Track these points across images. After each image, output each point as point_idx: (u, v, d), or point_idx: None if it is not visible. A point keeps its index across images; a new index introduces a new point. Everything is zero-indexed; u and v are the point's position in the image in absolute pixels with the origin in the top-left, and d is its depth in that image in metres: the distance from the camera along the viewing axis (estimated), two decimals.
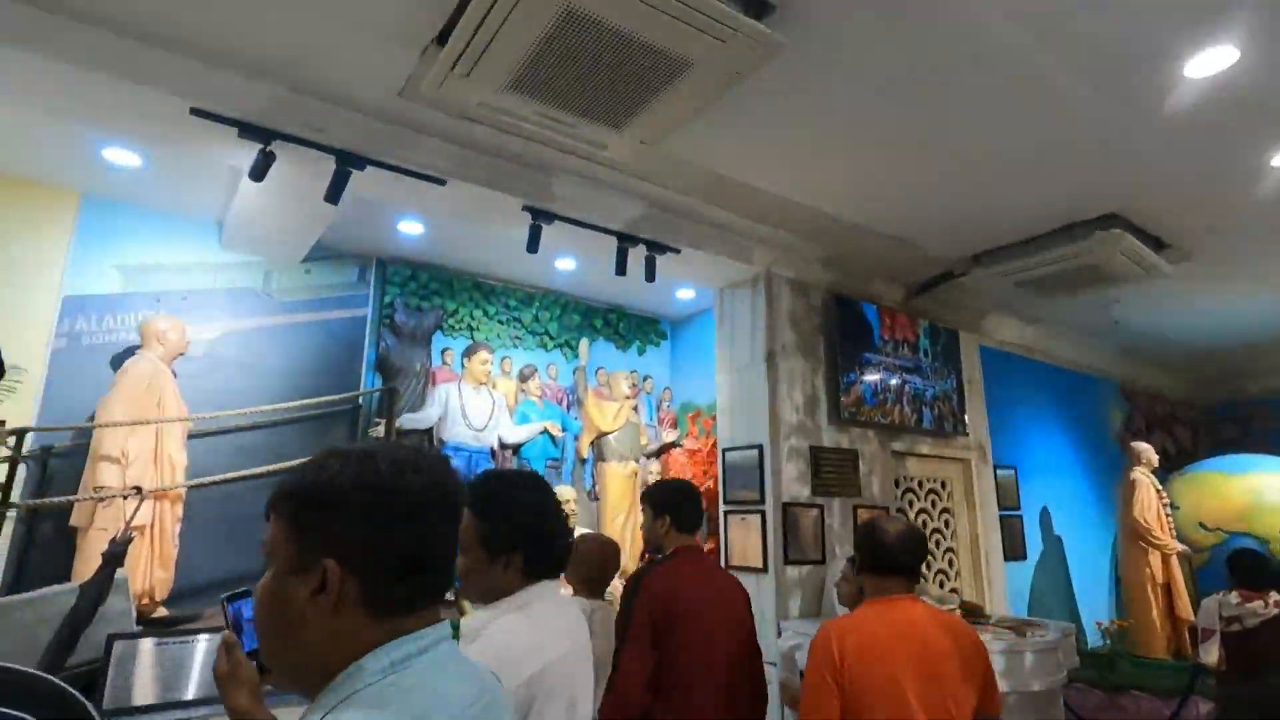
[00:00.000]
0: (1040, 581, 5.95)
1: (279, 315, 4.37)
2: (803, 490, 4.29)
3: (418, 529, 0.80)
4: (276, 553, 0.80)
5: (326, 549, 0.76)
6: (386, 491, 0.78)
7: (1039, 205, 3.98)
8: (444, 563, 0.85)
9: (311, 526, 0.78)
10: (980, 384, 5.75)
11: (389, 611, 0.78)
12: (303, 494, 0.80)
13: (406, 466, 0.81)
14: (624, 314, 5.84)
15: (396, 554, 0.78)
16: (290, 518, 0.80)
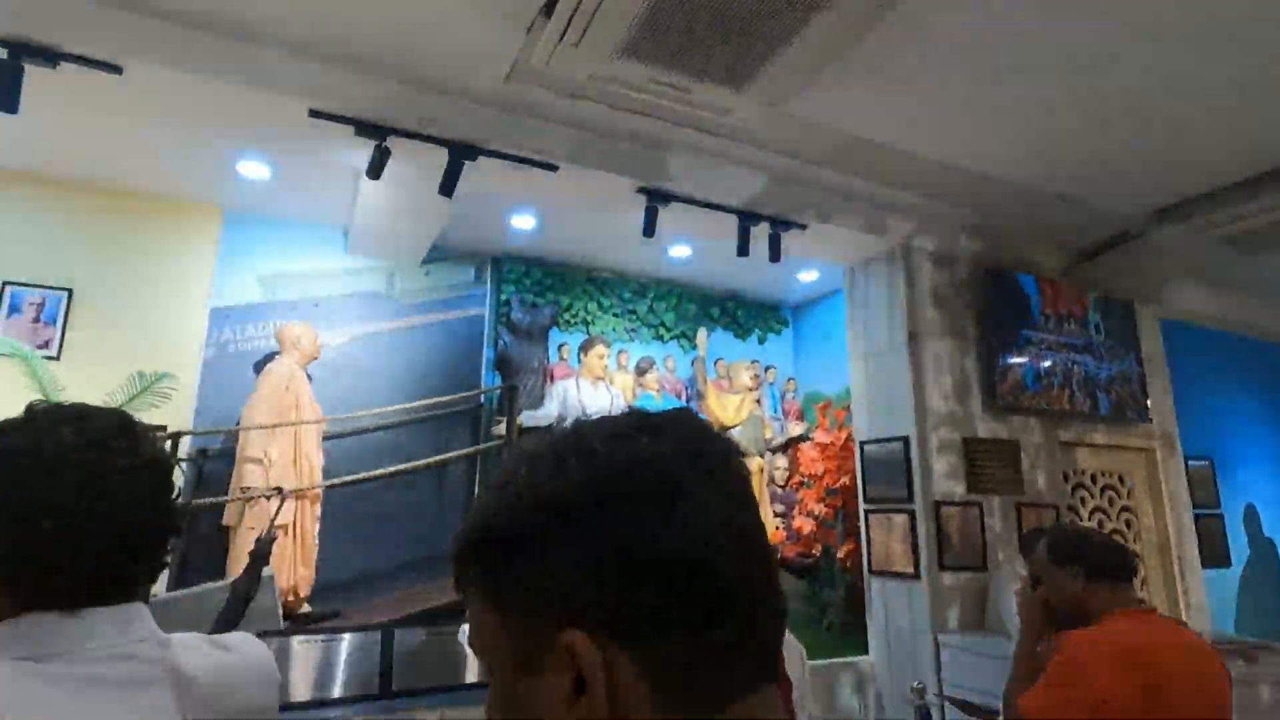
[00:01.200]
0: (1248, 592, 5.06)
1: (402, 318, 4.43)
2: (956, 487, 3.82)
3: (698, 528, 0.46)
4: (489, 642, 0.49)
5: (564, 614, 0.45)
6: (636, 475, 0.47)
7: (1252, 141, 3.28)
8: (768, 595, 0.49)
9: (531, 583, 0.47)
10: (1163, 363, 4.95)
11: (707, 706, 0.45)
12: (502, 533, 0.49)
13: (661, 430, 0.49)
14: (742, 301, 5.52)
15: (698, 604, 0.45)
16: (486, 580, 0.49)
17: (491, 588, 0.48)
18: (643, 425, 0.49)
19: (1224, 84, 2.86)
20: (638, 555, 0.44)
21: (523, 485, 0.48)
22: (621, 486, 0.46)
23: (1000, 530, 3.86)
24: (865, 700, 3.80)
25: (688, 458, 0.48)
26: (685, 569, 0.44)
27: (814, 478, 4.93)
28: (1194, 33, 2.55)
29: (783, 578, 3.23)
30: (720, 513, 0.46)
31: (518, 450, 0.53)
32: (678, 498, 0.45)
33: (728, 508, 0.47)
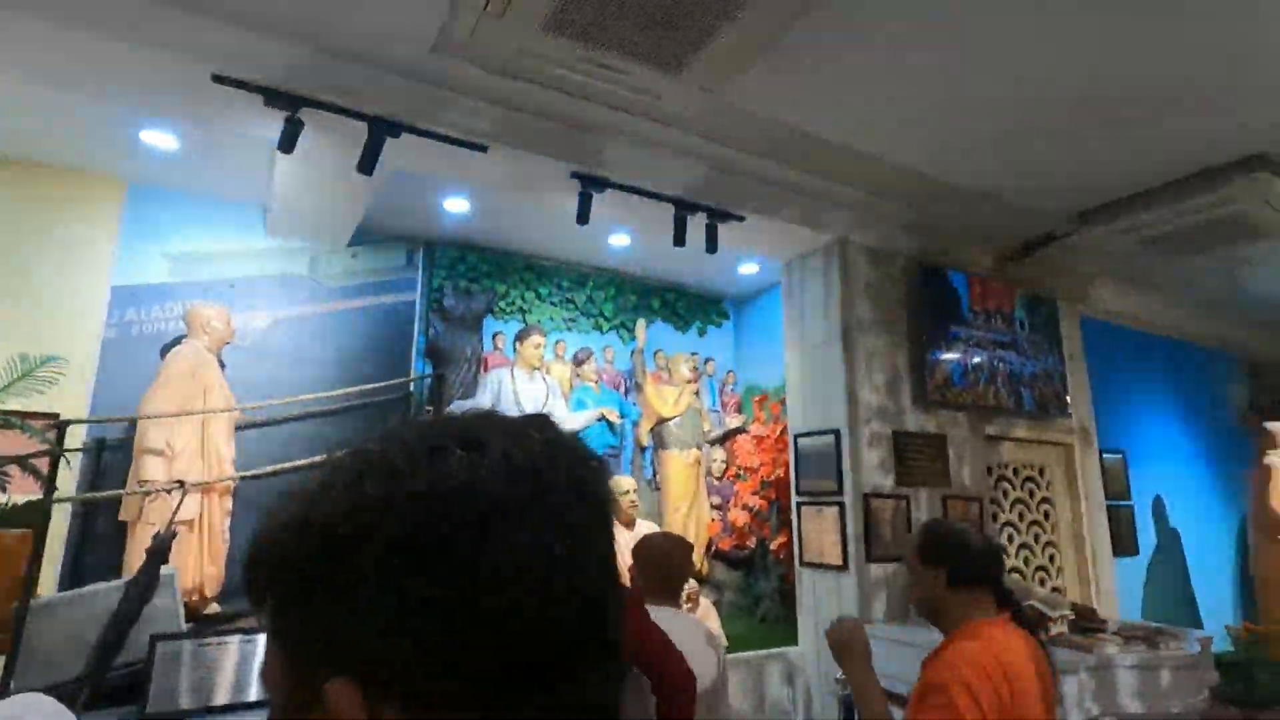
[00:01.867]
0: (1154, 580, 5.33)
1: (327, 302, 4.23)
2: (885, 480, 3.87)
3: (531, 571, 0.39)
4: (269, 678, 0.42)
5: (339, 661, 0.38)
6: (434, 508, 0.39)
7: (1166, 149, 3.41)
8: (603, 659, 0.42)
9: (307, 618, 0.40)
10: (1083, 359, 5.14)
11: None
12: (276, 558, 0.42)
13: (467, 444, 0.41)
14: (683, 293, 5.49)
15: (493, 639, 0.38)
16: (266, 607, 0.42)
17: (273, 618, 0.41)
18: (464, 437, 0.41)
19: (1143, 92, 2.94)
20: (424, 603, 0.37)
21: (313, 500, 0.41)
22: (415, 517, 0.38)
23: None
24: (794, 690, 3.83)
25: (514, 481, 0.40)
26: (485, 622, 0.37)
27: (750, 470, 4.95)
28: (1115, 40, 2.61)
29: (718, 569, 3.22)
30: (546, 552, 0.39)
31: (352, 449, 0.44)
32: (486, 534, 0.38)
33: (559, 545, 0.39)
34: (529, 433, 0.43)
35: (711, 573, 5.08)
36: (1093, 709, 2.78)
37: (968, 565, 1.59)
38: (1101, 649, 2.87)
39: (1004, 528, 4.55)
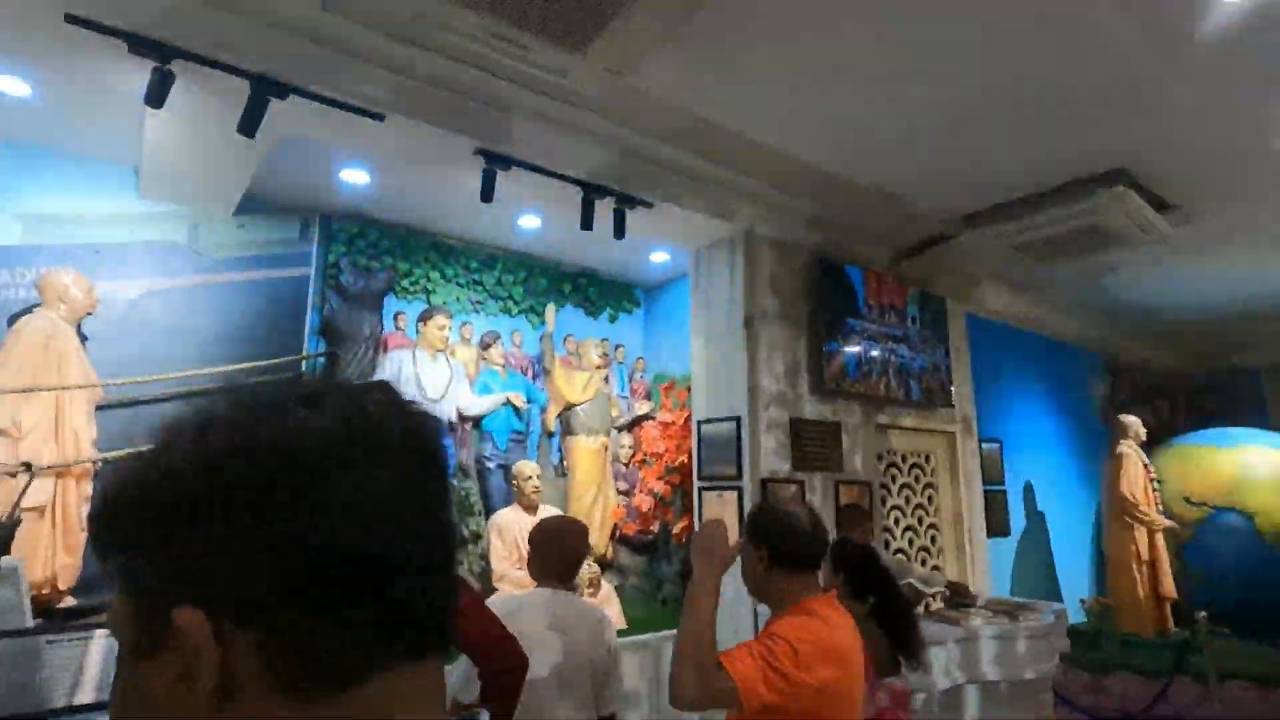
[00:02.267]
0: (1023, 558, 5.79)
1: (208, 274, 3.94)
2: (782, 465, 4.01)
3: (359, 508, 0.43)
4: (115, 622, 0.45)
5: (185, 593, 0.41)
6: (275, 453, 0.43)
7: (1041, 159, 3.68)
8: (428, 571, 0.46)
9: (155, 559, 0.43)
10: (967, 354, 5.50)
11: (328, 687, 0.42)
12: (127, 505, 0.44)
13: (298, 400, 0.46)
14: (595, 279, 5.47)
15: (323, 566, 0.42)
16: (113, 553, 0.45)
17: (119, 562, 0.44)
18: (303, 395, 0.46)
19: (1024, 105, 3.15)
20: (264, 538, 0.41)
21: (158, 454, 0.45)
22: (256, 463, 0.42)
23: (820, 505, 4.11)
24: None
25: (348, 432, 0.45)
26: (315, 550, 0.41)
27: (655, 456, 5.01)
28: (999, 54, 2.78)
29: (622, 554, 3.22)
30: (377, 492, 0.44)
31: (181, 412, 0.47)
32: (321, 476, 0.43)
33: (393, 484, 0.45)
34: (367, 394, 0.48)
35: (616, 557, 5.12)
36: (959, 677, 2.99)
37: (790, 547, 1.62)
38: (969, 622, 3.09)
39: (891, 511, 4.81)
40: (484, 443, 4.68)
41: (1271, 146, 3.47)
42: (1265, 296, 6.21)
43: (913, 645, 2.22)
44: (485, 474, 4.62)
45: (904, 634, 2.22)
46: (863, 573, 2.41)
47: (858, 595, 2.39)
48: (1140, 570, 5.18)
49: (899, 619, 2.27)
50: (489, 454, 4.64)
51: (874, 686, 2.26)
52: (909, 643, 2.22)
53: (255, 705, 0.40)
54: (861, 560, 2.44)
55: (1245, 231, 4.70)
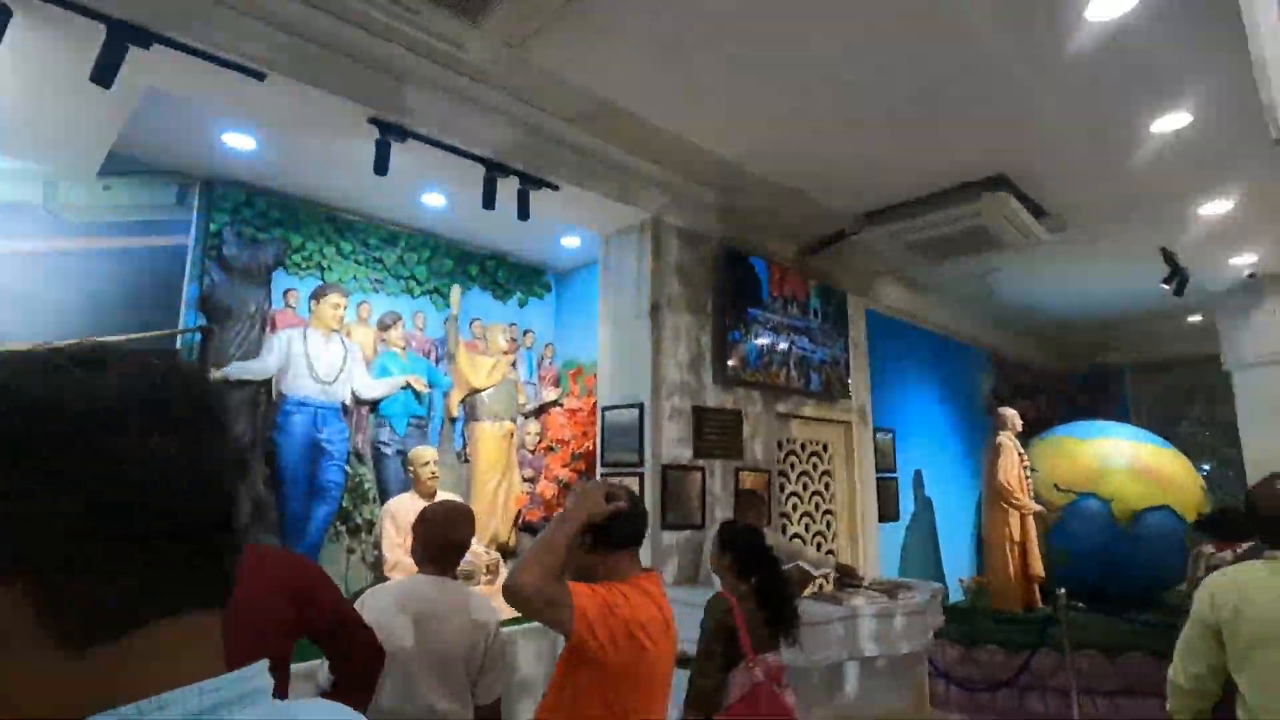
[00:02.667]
0: (910, 541, 6.13)
1: (68, 238, 3.59)
2: (684, 452, 4.06)
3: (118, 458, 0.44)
4: None
5: None
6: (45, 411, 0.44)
7: (932, 163, 3.87)
8: (203, 532, 0.48)
9: None
10: (865, 347, 5.74)
11: (98, 637, 0.44)
12: None
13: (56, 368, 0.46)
14: (504, 261, 5.35)
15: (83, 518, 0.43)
16: None
17: None
18: (84, 359, 0.47)
19: (912, 107, 3.30)
20: (32, 491, 0.42)
21: None
22: (25, 420, 0.43)
23: (719, 492, 4.20)
24: None
25: (127, 393, 0.46)
26: (86, 507, 0.42)
27: (561, 443, 4.97)
28: (895, 61, 2.89)
29: (527, 541, 3.18)
30: (157, 449, 0.45)
31: None
32: (100, 434, 0.44)
33: (169, 447, 0.46)
34: (150, 360, 0.50)
35: (520, 545, 5.06)
36: (841, 654, 3.13)
37: (608, 527, 1.65)
38: (851, 601, 3.24)
39: (789, 497, 4.98)
40: (381, 427, 4.51)
41: (1129, 164, 3.78)
42: (1128, 303, 6.81)
43: (788, 623, 2.36)
44: (381, 460, 4.45)
45: (780, 612, 2.34)
46: (747, 553, 2.50)
47: (743, 575, 2.47)
48: (1012, 551, 5.58)
49: (777, 598, 2.38)
50: (386, 439, 4.48)
51: (751, 662, 2.33)
52: (785, 620, 2.35)
53: (25, 654, 0.42)
54: (746, 542, 2.51)
55: (1109, 242, 5.12)
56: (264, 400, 4.05)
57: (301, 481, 4.04)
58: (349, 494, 4.27)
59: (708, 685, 2.30)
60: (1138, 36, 2.76)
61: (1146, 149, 3.64)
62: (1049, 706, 4.88)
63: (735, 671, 2.32)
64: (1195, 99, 3.25)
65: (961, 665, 5.12)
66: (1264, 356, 5.98)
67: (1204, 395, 8.17)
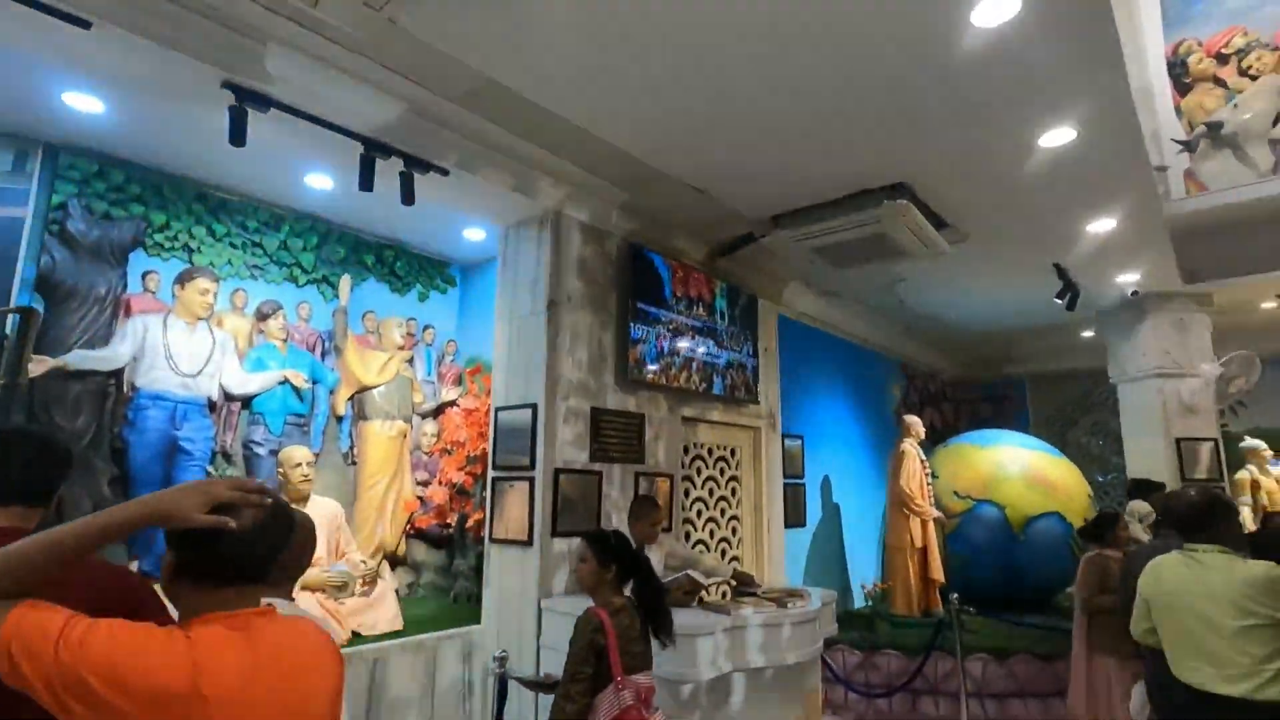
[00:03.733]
0: (817, 547, 6.15)
1: None
2: (580, 455, 3.90)
3: None
4: None
5: None
6: None
7: (833, 167, 3.84)
8: None
9: None
10: (776, 353, 5.73)
11: None
12: None
13: None
14: (403, 252, 5.05)
15: None
16: None
17: None
18: None
19: (812, 111, 3.25)
20: None
21: None
22: None
23: (617, 497, 4.05)
24: (470, 670, 3.70)
25: None
26: None
27: (457, 445, 4.72)
28: (798, 65, 2.82)
29: (419, 549, 2.92)
30: None
31: None
32: None
33: None
34: None
35: (410, 552, 4.77)
36: (724, 666, 3.02)
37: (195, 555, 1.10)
38: (738, 611, 3.14)
39: (694, 503, 4.89)
40: (255, 426, 4.15)
41: (1021, 177, 3.86)
42: (1027, 316, 7.08)
43: (663, 628, 2.36)
44: (254, 461, 4.10)
45: (655, 617, 2.34)
46: (623, 562, 2.39)
47: (622, 586, 2.38)
48: (912, 557, 5.67)
49: (651, 605, 2.36)
50: (259, 439, 4.12)
51: (620, 684, 2.19)
52: (661, 626, 2.35)
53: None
54: (619, 551, 2.39)
55: (1007, 255, 5.27)
56: (114, 393, 3.65)
57: (155, 483, 3.64)
58: None
59: (572, 710, 2.15)
60: (1025, 47, 2.79)
61: (1037, 162, 3.72)
62: (941, 710, 4.95)
63: (603, 694, 2.18)
64: (1080, 116, 3.33)
65: (860, 670, 5.15)
66: (1145, 371, 6.31)
67: (1096, 407, 8.62)
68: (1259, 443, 6.76)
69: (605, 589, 2.37)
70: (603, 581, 2.38)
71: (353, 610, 3.52)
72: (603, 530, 2.47)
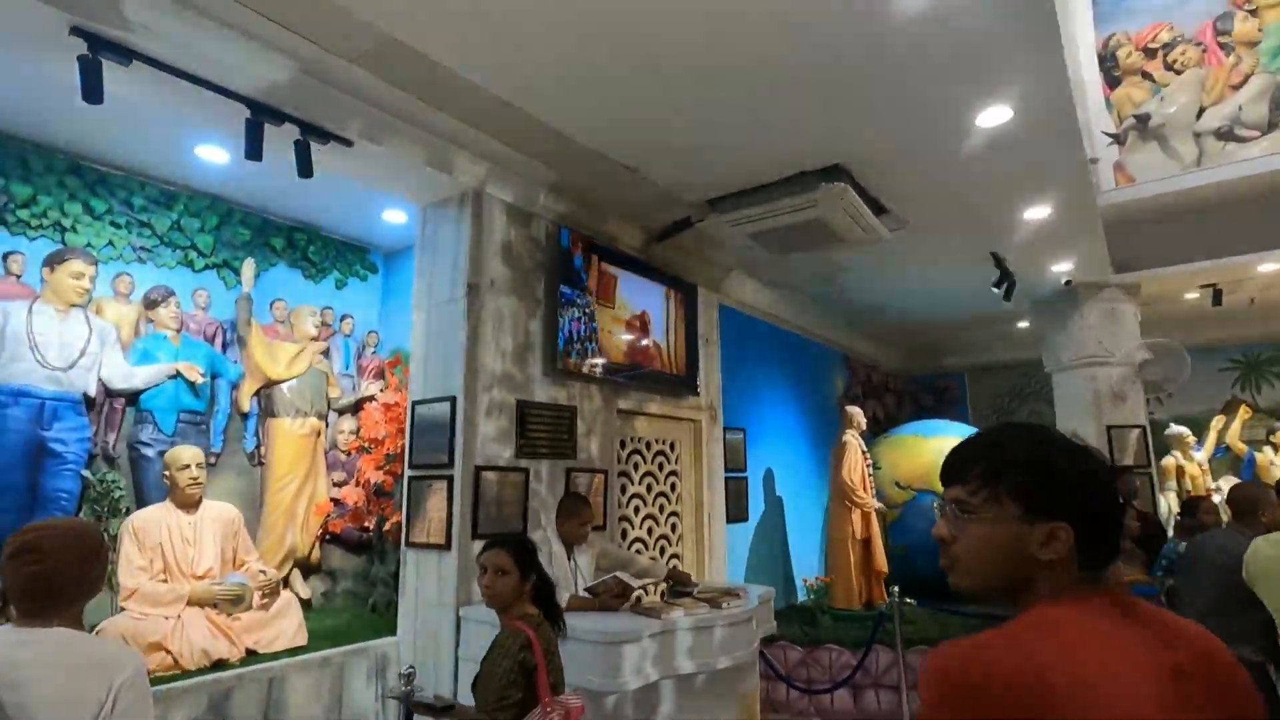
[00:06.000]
0: (759, 542, 6.04)
1: None
2: (503, 451, 3.64)
3: None
4: None
5: None
6: None
7: (769, 147, 3.68)
8: None
9: None
10: (717, 343, 5.58)
11: None
12: None
13: None
14: (317, 235, 4.69)
15: None
16: None
17: None
18: None
19: (743, 87, 3.06)
20: None
21: None
22: None
23: (546, 495, 3.82)
24: (383, 687, 3.41)
25: None
26: None
27: (375, 442, 4.40)
28: (718, 34, 2.62)
29: (335, 555, 2.60)
30: None
31: None
32: None
33: None
34: None
35: (325, 559, 4.43)
36: (652, 674, 2.82)
37: None
38: (667, 615, 2.95)
39: (632, 499, 4.68)
40: (142, 425, 3.76)
41: (959, 158, 3.78)
42: (966, 308, 7.12)
43: (558, 620, 2.22)
44: (141, 463, 3.71)
45: (550, 611, 2.19)
46: (539, 571, 2.19)
47: (537, 598, 2.20)
48: (854, 548, 5.61)
49: (546, 599, 2.21)
50: (147, 438, 3.73)
51: (548, 706, 1.97)
52: (555, 619, 2.20)
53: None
54: (536, 559, 2.19)
55: (946, 243, 5.23)
56: None
57: (17, 491, 3.24)
58: (91, 505, 3.50)
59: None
60: (962, 21, 2.66)
61: (974, 144, 3.63)
62: (883, 703, 4.89)
63: (530, 717, 1.95)
64: (1017, 95, 3.24)
65: (803, 667, 5.04)
66: (1077, 360, 6.41)
67: (1032, 397, 8.79)
68: (1183, 429, 6.97)
69: (524, 603, 2.15)
70: (521, 595, 2.15)
71: (247, 626, 3.19)
72: (522, 536, 2.25)
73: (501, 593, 2.12)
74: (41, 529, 1.45)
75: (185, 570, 3.21)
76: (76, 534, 1.47)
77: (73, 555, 1.42)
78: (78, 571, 1.43)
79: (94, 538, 1.49)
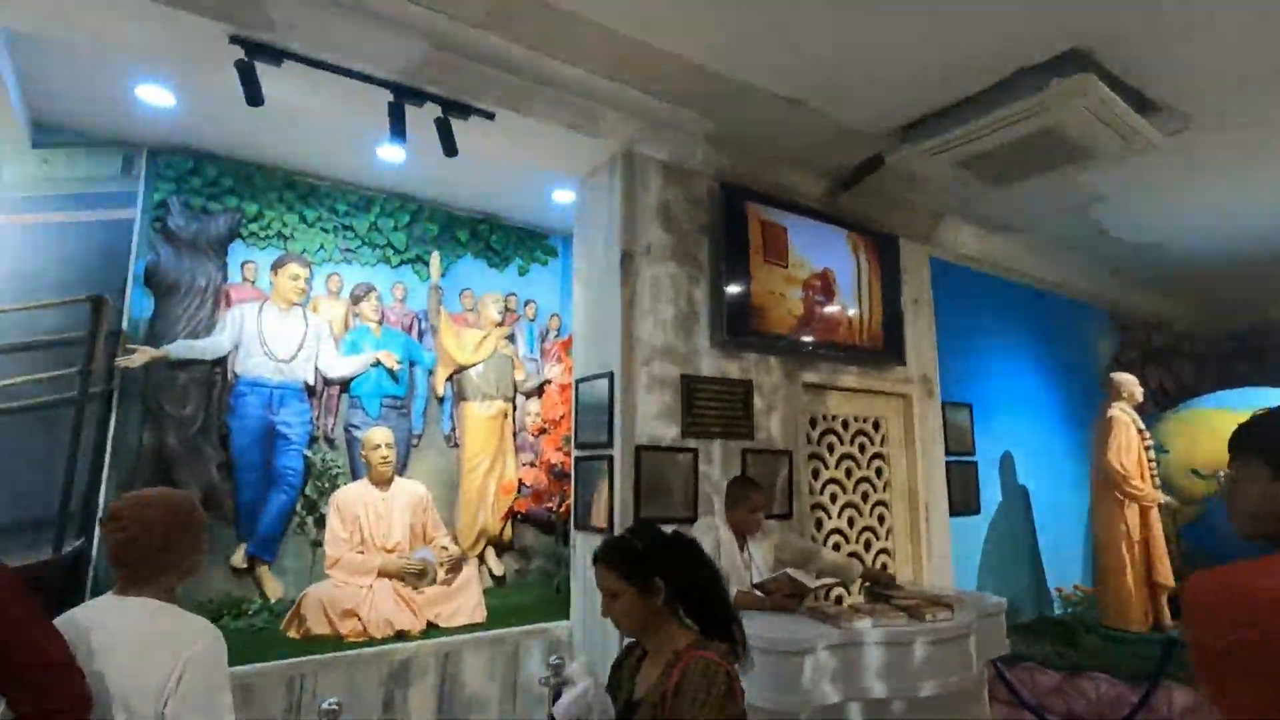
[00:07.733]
0: (997, 539, 5.04)
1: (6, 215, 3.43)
2: (668, 430, 3.36)
3: None
4: None
5: None
6: None
7: (975, 42, 2.89)
8: None
9: None
10: (930, 304, 4.74)
11: None
12: None
13: None
14: (498, 225, 4.83)
15: None
16: None
17: None
18: None
19: None
20: None
21: None
22: None
23: (719, 479, 3.46)
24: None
25: None
26: None
27: (554, 423, 4.39)
28: None
29: (529, 534, 2.56)
30: None
31: None
32: None
33: None
34: None
35: (517, 537, 4.55)
36: (831, 694, 2.34)
37: None
38: (852, 622, 2.43)
39: (827, 485, 4.13)
40: (354, 409, 4.13)
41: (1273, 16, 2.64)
42: None
43: (732, 636, 1.55)
44: (354, 444, 4.07)
45: (716, 624, 1.56)
46: (670, 567, 1.67)
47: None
48: (1131, 553, 4.40)
49: (706, 607, 1.58)
50: (358, 422, 4.09)
51: None
52: (727, 635, 1.55)
53: None
54: (654, 555, 1.74)
55: (1254, 148, 3.81)
56: (219, 381, 3.77)
57: (255, 468, 3.72)
58: (315, 482, 3.92)
59: None
60: None
61: None
62: None
63: None
64: None
65: (1058, 696, 4.06)
66: None
67: None
68: None
69: (664, 619, 1.56)
70: (657, 611, 1.55)
71: (430, 600, 3.31)
72: (627, 535, 1.65)
73: (623, 620, 1.57)
74: (130, 498, 1.46)
75: (378, 543, 3.43)
76: (165, 506, 1.45)
77: (155, 526, 1.41)
78: (159, 543, 1.41)
79: (182, 512, 1.47)
